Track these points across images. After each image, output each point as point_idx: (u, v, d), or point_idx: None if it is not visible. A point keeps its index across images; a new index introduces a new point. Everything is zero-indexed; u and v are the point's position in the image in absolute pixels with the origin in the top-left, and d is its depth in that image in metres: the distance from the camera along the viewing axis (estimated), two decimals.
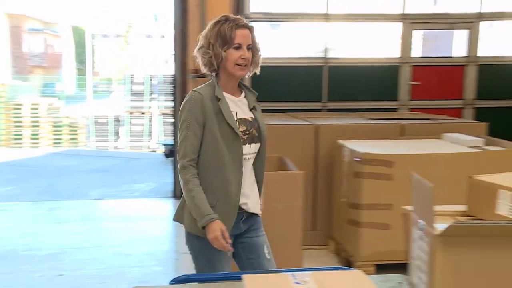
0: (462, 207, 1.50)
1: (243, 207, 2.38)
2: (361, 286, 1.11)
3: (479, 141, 4.44)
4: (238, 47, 2.34)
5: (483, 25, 6.95)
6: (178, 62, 6.54)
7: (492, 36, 7.58)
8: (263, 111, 2.57)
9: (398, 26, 6.83)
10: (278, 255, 3.45)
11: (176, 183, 6.75)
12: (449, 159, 4.07)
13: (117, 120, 15.27)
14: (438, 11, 7.35)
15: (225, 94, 2.38)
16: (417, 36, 6.98)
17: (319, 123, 4.94)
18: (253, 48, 2.40)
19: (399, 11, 6.80)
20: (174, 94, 6.78)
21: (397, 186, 3.93)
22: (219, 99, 2.33)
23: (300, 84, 6.69)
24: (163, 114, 14.48)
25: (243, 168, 2.35)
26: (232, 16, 2.44)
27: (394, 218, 2.91)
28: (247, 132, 2.38)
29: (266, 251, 2.48)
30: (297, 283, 1.13)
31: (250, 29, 2.41)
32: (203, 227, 2.24)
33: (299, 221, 3.70)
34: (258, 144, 2.43)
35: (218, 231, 2.21)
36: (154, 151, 13.57)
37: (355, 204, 4.17)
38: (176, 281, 1.67)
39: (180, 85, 6.54)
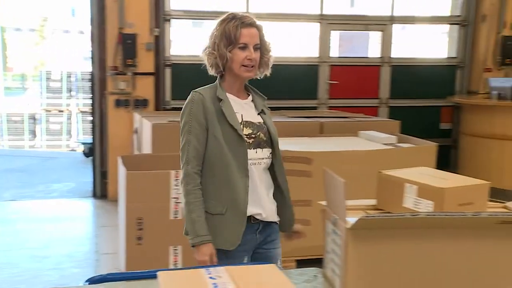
0: (372, 201, 1.59)
1: (258, 217, 2.21)
2: (272, 279, 1.15)
3: (392, 138, 4.65)
4: (244, 47, 2.19)
5: (396, 28, 7.28)
6: (96, 59, 6.39)
7: (404, 39, 7.94)
8: (178, 109, 2.45)
9: (317, 27, 7.02)
10: None
11: (96, 182, 6.60)
12: (364, 155, 4.23)
13: (32, 118, 14.66)
14: (355, 13, 7.61)
15: (229, 95, 2.24)
16: (335, 36, 7.19)
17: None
18: (261, 48, 2.24)
19: (317, 12, 6.99)
20: (92, 92, 6.62)
21: (316, 182, 4.01)
22: (220, 100, 2.19)
23: None
24: (82, 112, 14.06)
25: (249, 173, 2.18)
26: (239, 14, 2.27)
27: (314, 214, 2.98)
28: (253, 136, 2.21)
29: (278, 263, 2.36)
30: (212, 278, 1.15)
31: (258, 27, 2.25)
32: (193, 246, 2.14)
33: None
34: (268, 150, 2.26)
35: (207, 256, 2.11)
36: (74, 150, 13.16)
37: None
38: (91, 281, 1.63)
39: (99, 82, 6.39)
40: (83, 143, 10.50)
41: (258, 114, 2.29)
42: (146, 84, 6.41)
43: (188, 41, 7.13)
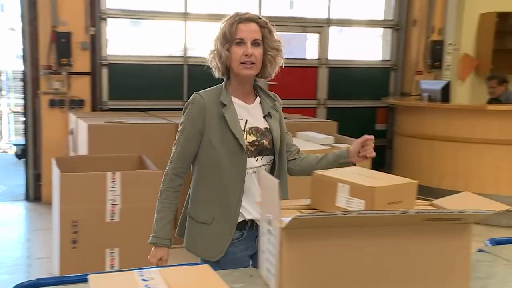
0: (307, 201, 1.62)
1: (256, 228, 2.11)
2: (206, 280, 1.16)
3: (329, 138, 4.75)
4: (241, 43, 2.06)
5: (333, 30, 7.43)
6: (28, 57, 6.19)
7: (341, 41, 8.12)
8: (121, 109, 2.42)
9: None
10: (139, 253, 3.44)
11: (28, 185, 6.38)
12: None
13: None
14: (293, 15, 7.72)
15: (234, 99, 2.12)
16: None
17: (179, 121, 4.95)
18: (264, 44, 2.09)
19: (255, 13, 7.01)
20: (24, 92, 6.40)
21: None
22: (224, 105, 2.08)
23: (161, 83, 6.66)
24: (14, 112, 13.55)
25: (244, 183, 2.08)
26: (242, 12, 2.15)
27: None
28: (256, 143, 2.11)
29: None
30: (144, 280, 1.15)
31: (260, 23, 2.11)
32: (150, 243, 2.10)
33: None
34: (270, 158, 2.15)
35: (155, 259, 2.08)
36: (5, 152, 12.67)
37: None
38: (19, 287, 1.58)
39: (31, 81, 6.19)
40: (15, 145, 10.14)
41: (264, 117, 2.17)
42: (82, 84, 6.26)
43: (126, 41, 7.00)
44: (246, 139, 2.08)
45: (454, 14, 7.49)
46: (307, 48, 7.52)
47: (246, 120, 2.12)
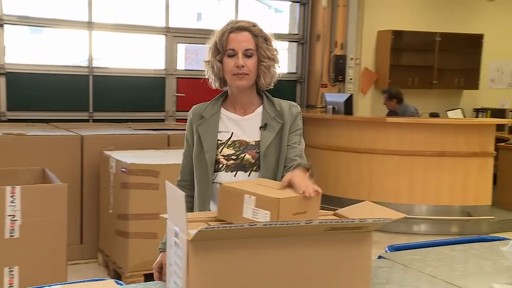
0: (214, 213, 1.63)
1: None
2: None
3: None
4: (233, 54, 1.98)
5: None
6: None
7: None
8: (15, 120, 2.28)
9: (162, 39, 7.03)
10: (41, 271, 3.29)
11: None
12: None
13: None
14: (201, 26, 7.75)
15: (224, 111, 2.08)
16: (181, 49, 7.26)
17: (84, 133, 4.82)
18: (258, 54, 2.00)
19: (162, 24, 7.00)
20: None
21: (164, 195, 4.03)
22: (202, 117, 2.06)
23: (65, 93, 6.43)
24: None
25: (211, 199, 2.00)
26: (237, 20, 2.05)
27: (161, 227, 2.98)
28: (233, 157, 2.00)
29: None
30: None
31: (253, 32, 2.00)
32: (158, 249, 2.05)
33: (64, 235, 3.56)
34: (255, 174, 2.00)
35: (156, 264, 2.00)
36: None
37: (123, 215, 4.16)
38: None
39: None
40: None
41: (260, 128, 2.04)
42: None
43: (27, 49, 6.70)
44: (221, 152, 2.02)
45: (355, 30, 7.86)
46: None
47: (232, 133, 2.05)
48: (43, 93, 6.30)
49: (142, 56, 7.23)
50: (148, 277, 4.05)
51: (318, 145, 6.69)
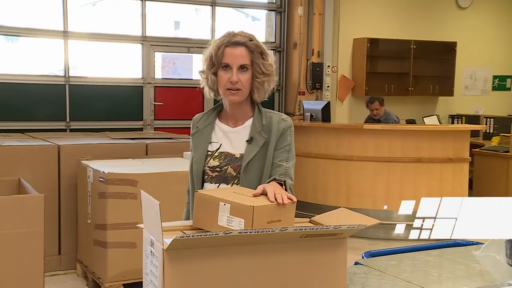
0: (189, 222, 1.64)
1: None
2: None
3: None
4: (227, 68, 1.98)
5: None
6: None
7: None
8: None
9: (139, 48, 7.02)
10: (18, 283, 3.25)
11: None
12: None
13: None
14: (178, 35, 7.76)
15: (219, 122, 2.10)
16: (158, 58, 7.25)
17: (61, 143, 4.78)
18: (253, 69, 2.00)
19: (139, 33, 7.00)
20: None
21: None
22: (196, 127, 2.12)
23: (40, 103, 6.38)
24: None
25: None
26: (235, 32, 2.04)
27: (140, 237, 2.98)
28: (218, 169, 2.03)
29: None
30: None
31: (250, 47, 2.00)
32: None
33: (41, 246, 3.52)
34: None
35: None
36: None
37: (101, 224, 4.14)
38: None
39: None
40: None
41: (247, 141, 2.04)
42: None
43: (1, 58, 6.63)
44: (207, 164, 2.05)
45: (331, 38, 7.94)
46: (193, 68, 7.57)
47: (220, 145, 2.07)
48: (19, 103, 6.24)
49: (119, 65, 7.20)
50: (129, 287, 4.03)
51: (296, 152, 6.66)
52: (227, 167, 2.02)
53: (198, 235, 1.27)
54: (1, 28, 6.33)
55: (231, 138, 2.07)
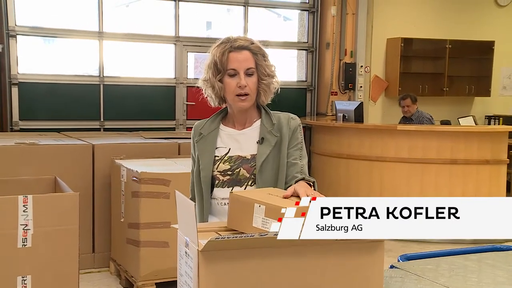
0: (224, 223, 1.63)
1: None
2: None
3: None
4: (234, 74, 1.97)
5: None
6: None
7: None
8: (27, 130, 2.28)
9: (172, 48, 7.07)
10: (53, 280, 3.30)
11: None
12: None
13: None
14: (211, 35, 7.78)
15: (223, 127, 2.09)
16: (191, 58, 7.29)
17: (95, 142, 4.85)
18: (258, 72, 2.00)
19: (172, 33, 7.04)
20: None
21: (175, 204, 4.03)
22: (201, 134, 2.09)
23: (76, 102, 6.48)
24: None
25: (209, 214, 2.01)
26: (234, 36, 2.03)
27: (173, 236, 2.99)
28: (229, 173, 2.01)
29: None
30: None
31: (253, 50, 2.00)
32: None
33: (76, 244, 3.57)
34: (251, 188, 2.00)
35: None
36: None
37: (134, 223, 4.17)
38: None
39: None
40: None
41: (257, 142, 2.03)
42: None
43: (39, 59, 6.76)
44: (217, 168, 2.02)
45: (364, 38, 7.85)
46: None
47: (229, 149, 2.05)
48: (55, 103, 6.35)
49: (152, 65, 7.26)
50: (160, 286, 4.05)
51: (328, 152, 6.67)
52: (239, 169, 2.01)
53: (233, 237, 1.25)
54: (38, 30, 6.45)
55: (239, 140, 2.06)
